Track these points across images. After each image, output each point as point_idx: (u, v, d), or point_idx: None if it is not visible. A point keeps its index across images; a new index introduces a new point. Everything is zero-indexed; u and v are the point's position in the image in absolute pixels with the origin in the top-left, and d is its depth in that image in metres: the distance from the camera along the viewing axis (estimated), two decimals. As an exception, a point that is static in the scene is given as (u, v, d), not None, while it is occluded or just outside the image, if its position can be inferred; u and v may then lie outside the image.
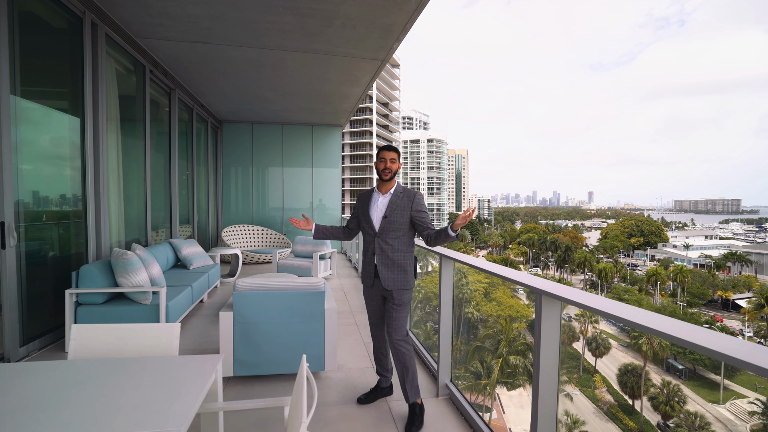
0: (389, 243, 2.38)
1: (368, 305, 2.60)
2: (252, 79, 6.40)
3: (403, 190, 2.47)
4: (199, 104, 7.74)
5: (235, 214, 9.80)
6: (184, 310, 3.90)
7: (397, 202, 2.41)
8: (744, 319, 35.94)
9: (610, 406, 26.46)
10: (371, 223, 2.43)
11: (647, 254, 68.22)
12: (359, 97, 7.55)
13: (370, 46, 4.96)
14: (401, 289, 2.40)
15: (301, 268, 6.30)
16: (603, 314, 1.24)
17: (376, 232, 2.41)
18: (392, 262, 2.38)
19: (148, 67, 5.23)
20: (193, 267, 5.24)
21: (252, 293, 2.66)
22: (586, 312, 33.92)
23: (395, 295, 2.39)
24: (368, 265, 2.47)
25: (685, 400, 24.36)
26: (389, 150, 2.47)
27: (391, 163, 2.44)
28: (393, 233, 2.39)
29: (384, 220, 2.39)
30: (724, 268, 53.61)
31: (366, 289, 2.56)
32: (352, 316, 4.58)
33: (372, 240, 2.44)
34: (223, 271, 7.25)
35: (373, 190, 2.53)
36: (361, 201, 2.56)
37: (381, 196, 2.47)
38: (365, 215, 2.48)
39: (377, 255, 2.41)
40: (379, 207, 2.44)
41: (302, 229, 2.57)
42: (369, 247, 2.47)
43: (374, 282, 2.47)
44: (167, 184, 6.30)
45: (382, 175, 2.44)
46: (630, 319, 1.14)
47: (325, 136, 10.26)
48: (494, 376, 21.99)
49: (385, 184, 2.47)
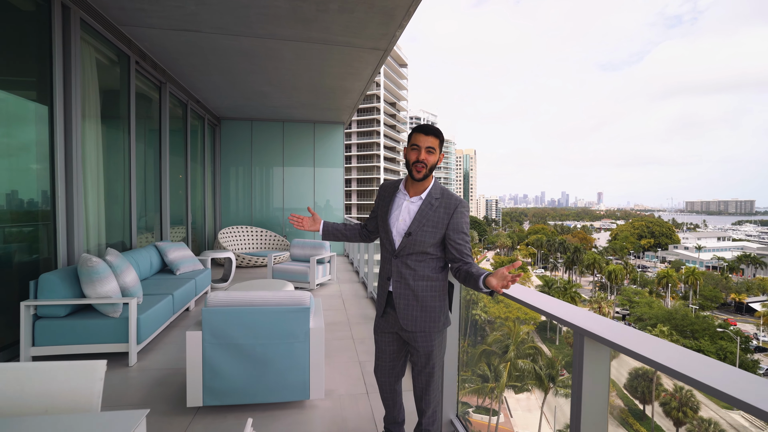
0: (411, 267, 1.71)
1: (378, 341, 1.89)
2: (247, 72, 6.05)
3: (441, 195, 1.72)
4: (194, 100, 7.41)
5: (234, 215, 9.47)
6: (161, 323, 3.53)
7: (429, 213, 1.68)
8: (759, 323, 34.96)
9: (620, 411, 25.81)
10: (390, 235, 1.75)
11: (658, 256, 66.94)
12: (361, 92, 7.16)
13: (370, 33, 4.57)
14: (427, 332, 1.71)
15: (297, 273, 5.93)
16: (678, 375, 0.83)
17: (395, 250, 1.74)
18: (413, 294, 1.70)
19: (134, 59, 4.89)
20: (180, 272, 4.89)
21: (224, 310, 2.28)
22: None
23: (419, 340, 1.72)
24: (382, 290, 1.83)
25: (698, 406, 23.63)
26: (427, 132, 1.66)
27: (428, 153, 1.66)
28: (418, 256, 1.71)
29: (407, 238, 1.69)
30: (737, 271, 52.37)
31: (377, 320, 1.88)
32: (349, 328, 4.19)
33: (388, 257, 1.78)
34: (217, 275, 6.91)
35: (398, 189, 1.81)
36: (381, 198, 1.86)
37: (407, 200, 1.74)
38: (384, 222, 1.79)
39: (394, 280, 1.74)
40: (402, 216, 1.73)
41: (307, 229, 1.97)
42: (385, 266, 1.81)
43: (386, 311, 1.81)
44: (157, 184, 5.97)
45: (413, 170, 1.67)
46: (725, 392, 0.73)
47: (328, 133, 9.88)
48: (503, 381, 21.50)
49: (416, 183, 1.73)
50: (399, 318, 1.73)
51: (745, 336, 29.48)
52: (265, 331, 2.32)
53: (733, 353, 26.49)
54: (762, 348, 31.49)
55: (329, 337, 3.83)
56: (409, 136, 1.72)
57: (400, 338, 1.84)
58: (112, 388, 2.66)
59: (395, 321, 1.77)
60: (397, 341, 1.85)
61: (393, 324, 1.80)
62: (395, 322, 1.77)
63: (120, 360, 3.09)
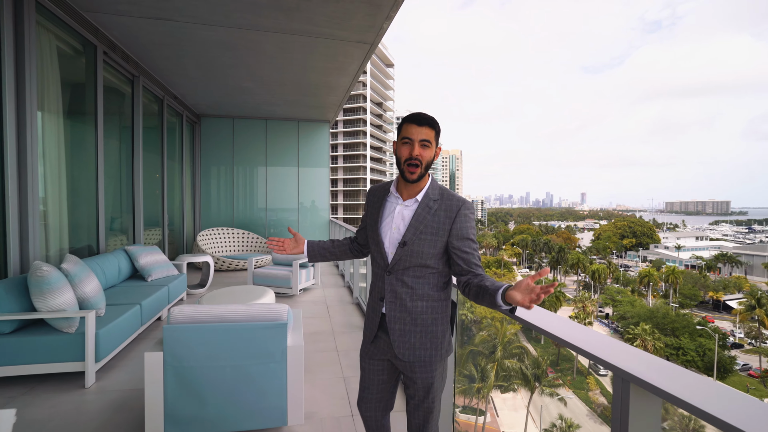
0: (408, 285, 1.44)
1: (365, 369, 1.60)
2: (227, 65, 5.73)
3: (440, 196, 1.45)
4: (171, 95, 7.04)
5: (215, 216, 9.09)
6: (126, 336, 3.22)
7: (427, 218, 1.41)
8: (735, 320, 35.92)
9: (604, 409, 26.13)
10: (381, 247, 1.47)
11: (639, 255, 68.34)
12: (347, 89, 6.91)
13: (356, 25, 4.33)
14: (427, 361, 1.45)
15: (279, 278, 5.64)
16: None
17: (387, 265, 1.47)
18: (411, 316, 1.43)
19: (102, 49, 4.54)
20: (152, 279, 4.56)
21: (189, 327, 2.01)
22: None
23: (418, 371, 1.45)
24: (372, 312, 1.54)
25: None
26: (420, 122, 1.39)
27: (423, 147, 1.39)
28: (416, 270, 1.43)
29: (401, 249, 1.42)
30: (714, 269, 53.83)
31: (365, 346, 1.59)
32: (333, 338, 3.93)
33: (381, 274, 1.50)
34: (194, 280, 6.57)
35: (389, 192, 1.54)
36: (370, 204, 1.59)
37: (400, 204, 1.48)
38: (374, 232, 1.52)
39: (388, 301, 1.46)
40: (395, 223, 1.46)
41: (289, 253, 1.71)
42: (377, 284, 1.53)
43: (378, 336, 1.53)
44: (130, 183, 5.61)
45: (406, 171, 1.41)
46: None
47: (312, 132, 9.58)
48: (490, 381, 21.51)
49: (409, 185, 1.46)
50: (394, 345, 1.46)
51: (723, 333, 30.26)
52: (236, 350, 2.07)
53: (712, 350, 27.12)
54: (738, 344, 32.36)
55: (311, 349, 3.58)
56: (399, 127, 1.44)
57: (392, 366, 1.56)
58: (62, 415, 2.36)
59: (388, 347, 1.51)
60: (388, 369, 1.57)
61: (385, 350, 1.52)
62: (388, 348, 1.51)
63: (75, 381, 2.77)
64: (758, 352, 29.81)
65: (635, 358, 0.94)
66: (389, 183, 1.56)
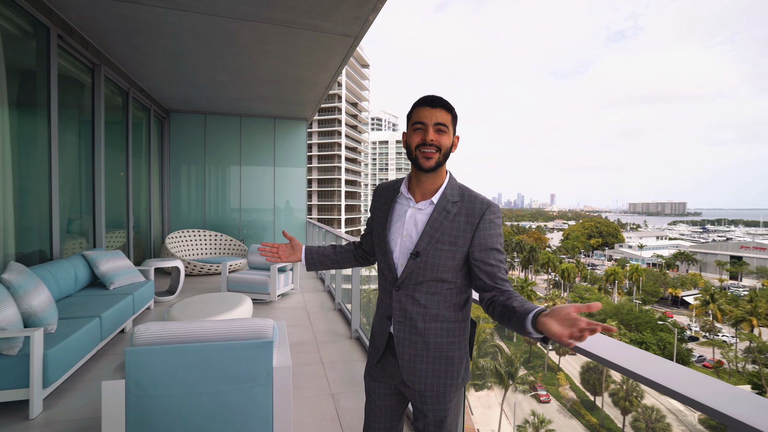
0: (420, 303, 1.21)
1: (371, 392, 1.37)
2: (200, 57, 5.35)
3: (461, 197, 1.21)
4: (137, 88, 6.55)
5: (185, 217, 8.58)
6: (82, 355, 2.85)
7: (445, 224, 1.18)
8: (691, 315, 37.89)
9: (573, 403, 26.90)
10: (389, 257, 1.25)
11: (605, 254, 71.09)
12: (327, 85, 6.64)
13: (341, 16, 4.09)
14: (441, 391, 1.23)
15: (256, 283, 5.31)
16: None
17: (396, 279, 1.24)
18: (422, 340, 1.21)
19: (56, 32, 4.09)
20: (115, 286, 4.15)
21: (157, 349, 1.73)
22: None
23: (429, 402, 1.23)
24: (379, 329, 1.32)
25: (642, 394, 25.14)
26: (434, 104, 1.17)
27: (438, 133, 1.17)
28: (429, 286, 1.21)
29: (413, 261, 1.19)
30: (673, 267, 56.71)
31: (370, 368, 1.37)
32: (317, 349, 3.67)
33: (388, 288, 1.27)
34: (163, 286, 6.12)
35: (398, 191, 1.31)
36: (377, 205, 1.36)
37: (413, 206, 1.25)
38: (381, 240, 1.29)
39: (396, 320, 1.24)
40: (406, 229, 1.23)
41: (285, 261, 1.48)
42: (385, 300, 1.30)
43: (384, 358, 1.32)
44: (89, 182, 5.13)
45: (420, 157, 1.17)
46: None
47: (289, 130, 9.22)
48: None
49: (424, 178, 1.23)
50: (402, 371, 1.25)
51: (680, 327, 31.89)
52: (213, 374, 1.79)
53: (671, 343, 28.51)
54: (694, 337, 34.15)
55: (293, 362, 3.31)
56: (409, 114, 1.21)
57: (399, 393, 1.35)
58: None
59: (396, 371, 1.29)
60: (397, 395, 1.35)
61: (393, 374, 1.30)
62: (396, 372, 1.29)
63: (18, 411, 2.38)
64: (712, 345, 31.53)
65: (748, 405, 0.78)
66: (399, 181, 1.33)
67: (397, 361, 1.26)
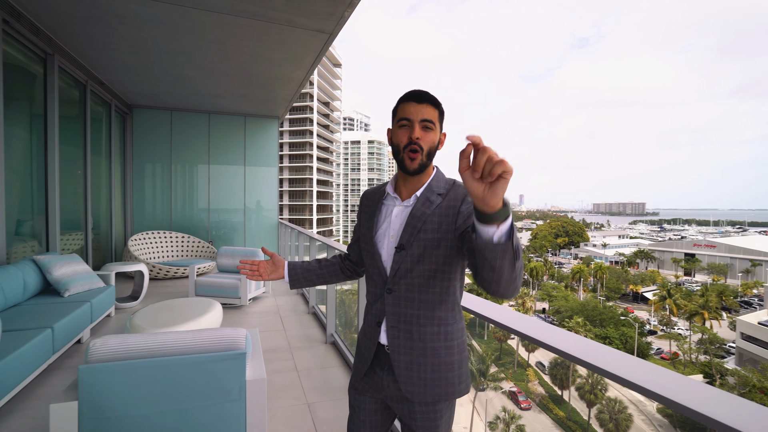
0: (414, 304, 1.14)
1: (355, 406, 1.29)
2: (165, 49, 5.08)
3: (447, 190, 1.15)
4: (97, 81, 6.15)
5: (150, 218, 8.15)
6: (30, 371, 2.61)
7: (427, 213, 1.11)
8: (650, 310, 39.95)
9: (542, 398, 27.76)
10: (377, 259, 1.19)
11: (572, 253, 73.80)
12: (301, 83, 6.47)
13: (316, 11, 3.97)
14: (434, 403, 1.16)
15: (225, 287, 5.09)
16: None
17: (386, 280, 1.17)
18: (419, 345, 1.14)
19: (2, 16, 3.76)
20: (70, 293, 3.85)
21: (116, 366, 1.57)
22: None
23: (419, 417, 1.16)
24: (366, 339, 1.24)
25: (606, 387, 26.30)
26: (420, 100, 1.10)
27: (425, 130, 1.11)
28: (422, 283, 1.13)
29: (399, 254, 1.13)
30: (634, 265, 59.55)
31: (355, 381, 1.28)
32: (291, 355, 3.54)
33: (379, 293, 1.20)
34: (125, 291, 5.78)
35: (385, 193, 1.25)
36: (364, 210, 1.30)
37: (399, 205, 1.19)
38: (368, 243, 1.22)
39: (389, 326, 1.17)
40: (392, 228, 1.17)
41: (266, 279, 1.37)
42: (374, 306, 1.22)
43: (371, 371, 1.23)
44: (42, 181, 4.76)
45: (405, 158, 1.12)
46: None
47: (261, 129, 8.95)
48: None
49: (409, 179, 1.17)
50: (400, 382, 1.15)
51: (641, 322, 33.54)
52: (180, 390, 1.66)
53: (633, 338, 29.94)
54: (653, 331, 36.01)
55: (267, 370, 3.17)
56: (394, 110, 1.15)
57: (387, 406, 1.27)
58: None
59: (383, 385, 1.21)
60: (383, 410, 1.27)
61: (379, 388, 1.22)
62: (383, 386, 1.21)
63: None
64: (669, 338, 33.35)
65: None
66: (386, 183, 1.28)
67: (385, 374, 1.19)
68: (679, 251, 59.55)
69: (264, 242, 9.06)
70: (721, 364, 26.24)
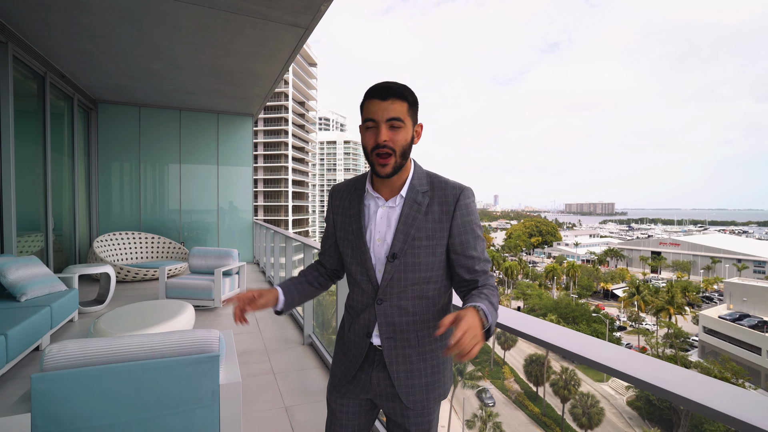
0: (408, 311, 1.08)
1: (336, 410, 1.19)
2: (130, 41, 4.85)
3: (430, 186, 1.09)
4: (57, 73, 5.81)
5: (118, 219, 7.79)
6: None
7: (418, 218, 1.06)
8: (620, 306, 41.47)
9: (518, 395, 28.32)
10: (367, 266, 1.10)
11: (545, 252, 75.77)
12: (275, 80, 6.33)
13: (291, 4, 3.87)
14: (428, 404, 1.11)
15: (198, 289, 4.90)
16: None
17: (377, 290, 1.09)
18: (417, 351, 1.09)
19: (-51, 1, 3.48)
20: (27, 297, 3.60)
21: (74, 373, 1.45)
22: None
23: (412, 418, 1.11)
24: (354, 346, 1.15)
25: (579, 382, 27.12)
26: (384, 96, 1.00)
27: (392, 130, 1.01)
28: (414, 290, 1.07)
29: (391, 264, 1.05)
30: (604, 263, 61.69)
31: (338, 384, 1.19)
32: (267, 357, 3.42)
33: (367, 303, 1.12)
34: (91, 295, 5.48)
35: (363, 191, 1.14)
36: (337, 210, 1.19)
37: (382, 206, 1.10)
38: (355, 247, 1.12)
39: (384, 337, 1.09)
40: (378, 232, 1.09)
41: (259, 308, 1.13)
42: (360, 315, 1.14)
43: (364, 370, 1.14)
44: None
45: (376, 165, 1.02)
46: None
47: (234, 127, 8.72)
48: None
49: (386, 179, 1.08)
50: (399, 392, 1.09)
51: (611, 318, 34.77)
52: (146, 398, 1.54)
53: (604, 333, 31.01)
54: (623, 327, 37.41)
55: (242, 374, 3.05)
56: (360, 107, 1.05)
57: (371, 405, 1.20)
58: None
59: (374, 382, 1.13)
60: (367, 412, 1.20)
61: (366, 388, 1.15)
62: (374, 383, 1.13)
63: None
64: (637, 333, 34.72)
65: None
66: (361, 178, 1.17)
67: (374, 372, 1.12)
68: (646, 249, 62.13)
69: (238, 243, 8.82)
70: (686, 357, 27.52)
